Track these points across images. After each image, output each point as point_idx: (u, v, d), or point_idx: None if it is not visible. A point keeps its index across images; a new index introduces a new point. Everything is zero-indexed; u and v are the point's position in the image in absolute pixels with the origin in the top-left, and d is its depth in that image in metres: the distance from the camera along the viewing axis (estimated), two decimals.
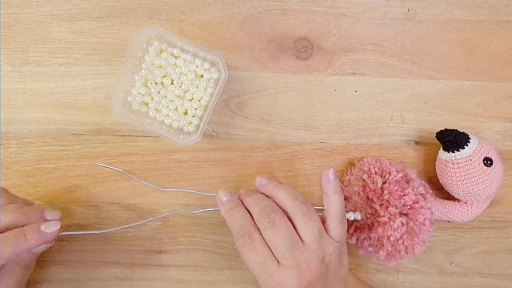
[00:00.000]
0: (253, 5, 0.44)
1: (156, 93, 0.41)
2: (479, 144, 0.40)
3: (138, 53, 0.40)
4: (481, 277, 0.46)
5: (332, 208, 0.36)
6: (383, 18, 0.45)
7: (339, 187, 0.36)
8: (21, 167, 0.44)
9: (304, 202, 0.35)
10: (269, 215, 0.34)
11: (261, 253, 0.34)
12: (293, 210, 0.35)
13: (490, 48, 0.45)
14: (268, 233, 0.34)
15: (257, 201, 0.36)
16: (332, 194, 0.36)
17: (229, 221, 0.36)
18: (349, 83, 0.45)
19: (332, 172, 0.36)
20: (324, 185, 0.36)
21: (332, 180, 0.36)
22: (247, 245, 0.34)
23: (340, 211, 0.36)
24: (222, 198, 0.37)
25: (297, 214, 0.34)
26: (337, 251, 0.35)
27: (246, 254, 0.34)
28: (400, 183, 0.40)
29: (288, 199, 0.35)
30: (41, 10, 0.44)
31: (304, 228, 0.34)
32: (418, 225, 0.39)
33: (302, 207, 0.34)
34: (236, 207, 0.36)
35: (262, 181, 0.38)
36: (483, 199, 0.41)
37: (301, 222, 0.34)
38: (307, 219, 0.34)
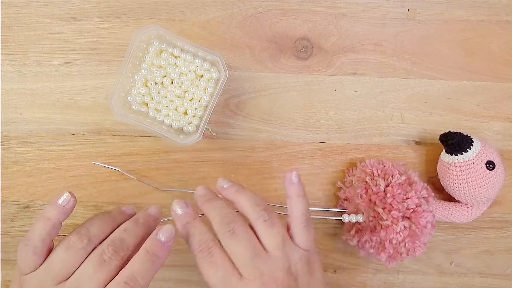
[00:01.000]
0: (253, 5, 0.44)
1: (156, 93, 0.41)
2: (482, 148, 0.40)
3: (138, 53, 0.40)
4: (481, 277, 0.46)
5: (295, 212, 0.34)
6: (383, 18, 0.45)
7: (302, 191, 0.34)
8: (21, 167, 0.44)
9: (265, 208, 0.33)
10: (229, 224, 0.32)
11: (221, 267, 0.31)
12: (253, 216, 0.33)
13: (490, 48, 0.45)
14: (228, 243, 0.32)
15: (217, 209, 0.34)
16: (295, 197, 0.34)
17: (186, 237, 0.33)
18: (349, 83, 0.45)
19: (295, 175, 0.35)
20: (287, 188, 0.35)
21: (296, 183, 0.34)
22: (206, 260, 0.32)
23: (304, 215, 0.34)
24: (177, 211, 0.34)
25: (258, 221, 0.32)
26: (304, 259, 0.33)
27: (206, 270, 0.32)
28: (403, 186, 0.40)
29: (249, 206, 0.33)
30: (41, 10, 0.44)
31: (265, 235, 0.32)
32: (420, 228, 0.39)
33: (263, 214, 0.32)
34: (192, 222, 0.34)
35: (224, 184, 0.36)
36: (483, 201, 0.41)
37: (262, 229, 0.32)
38: (269, 226, 0.32)
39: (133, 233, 0.32)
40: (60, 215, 0.33)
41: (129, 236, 0.32)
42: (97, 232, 0.32)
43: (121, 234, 0.32)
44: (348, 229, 0.43)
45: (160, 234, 0.32)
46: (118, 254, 0.31)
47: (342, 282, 0.45)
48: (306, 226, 0.34)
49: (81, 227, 0.32)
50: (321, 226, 0.45)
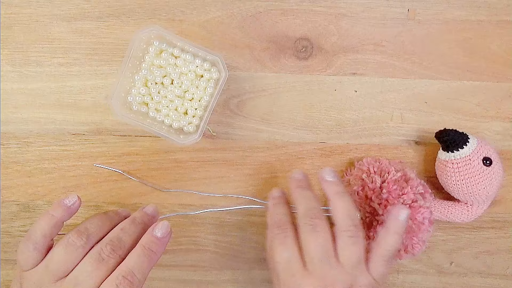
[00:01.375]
0: (253, 5, 0.44)
1: (156, 93, 0.41)
2: (478, 144, 0.41)
3: (138, 53, 0.40)
4: (481, 277, 0.46)
5: (385, 245, 0.33)
6: (383, 18, 0.45)
7: (403, 230, 0.34)
8: (21, 167, 0.44)
9: (355, 225, 0.33)
10: (312, 219, 0.33)
11: (290, 250, 0.33)
12: (341, 227, 0.33)
13: (490, 48, 0.45)
14: (306, 235, 0.33)
15: (306, 199, 0.35)
16: (393, 233, 0.34)
17: (271, 212, 0.36)
18: (349, 83, 0.45)
19: (406, 214, 0.34)
20: (389, 220, 0.34)
21: (402, 221, 0.34)
22: (279, 237, 0.33)
23: (390, 252, 0.33)
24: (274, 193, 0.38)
25: (344, 233, 0.32)
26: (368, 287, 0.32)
27: (275, 247, 0.33)
28: (399, 182, 0.40)
29: (341, 214, 0.33)
30: (41, 10, 0.44)
31: (344, 249, 0.32)
32: (417, 224, 0.39)
33: (351, 229, 0.32)
34: (281, 203, 0.36)
35: (328, 175, 0.36)
36: (483, 199, 0.41)
37: (343, 243, 0.32)
38: (351, 243, 0.32)
39: (130, 232, 0.33)
40: (64, 214, 0.34)
41: (126, 235, 0.33)
42: (96, 231, 0.33)
43: (118, 233, 0.33)
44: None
45: (156, 230, 0.33)
46: (115, 253, 0.32)
47: None
48: (388, 261, 0.34)
49: (80, 226, 0.33)
50: None
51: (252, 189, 0.45)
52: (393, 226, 0.34)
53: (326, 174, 0.36)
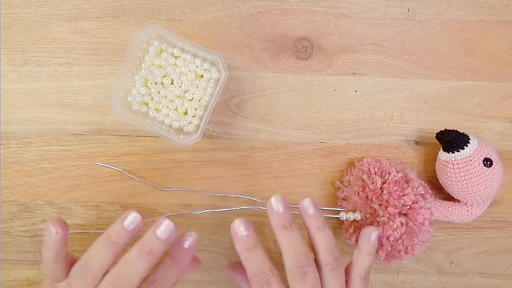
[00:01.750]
0: (253, 5, 0.44)
1: (156, 93, 0.41)
2: (479, 145, 0.40)
3: (138, 53, 0.40)
4: (481, 277, 0.46)
5: (359, 265, 0.36)
6: (383, 18, 0.45)
7: (375, 249, 0.37)
8: (21, 167, 0.44)
9: (336, 258, 0.35)
10: (302, 268, 0.33)
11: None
12: (323, 262, 0.34)
13: (490, 48, 0.45)
14: (295, 284, 0.33)
15: (294, 243, 0.34)
16: (366, 253, 0.36)
17: (246, 262, 0.34)
18: (349, 83, 0.45)
19: (376, 235, 0.37)
20: (361, 242, 0.37)
21: (372, 241, 0.36)
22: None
23: (366, 270, 0.36)
24: (239, 232, 0.34)
25: (326, 268, 0.34)
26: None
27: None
28: (400, 183, 0.40)
29: (323, 250, 0.35)
30: (41, 10, 0.44)
31: (328, 282, 0.34)
32: (418, 225, 0.39)
33: (332, 263, 0.34)
34: (254, 247, 0.34)
35: (310, 209, 0.36)
36: (483, 200, 0.41)
37: (327, 276, 0.34)
38: (333, 276, 0.34)
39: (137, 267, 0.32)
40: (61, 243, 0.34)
41: (133, 270, 0.32)
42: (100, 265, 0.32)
43: (125, 269, 0.32)
44: (346, 228, 0.43)
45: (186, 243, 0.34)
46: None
47: None
48: (365, 278, 0.36)
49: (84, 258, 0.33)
50: None
51: (252, 189, 0.45)
52: (366, 246, 0.36)
53: (307, 207, 0.36)
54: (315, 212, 0.35)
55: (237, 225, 0.34)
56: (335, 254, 0.35)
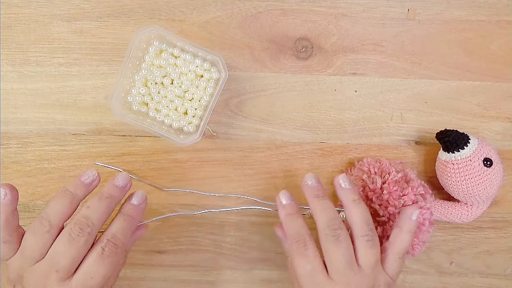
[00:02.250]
0: (253, 5, 0.44)
1: (156, 93, 0.41)
2: (479, 145, 0.40)
3: (138, 53, 0.40)
4: (481, 277, 0.46)
5: (399, 244, 0.36)
6: (383, 18, 0.45)
7: (415, 229, 0.37)
8: (21, 167, 0.44)
9: (372, 229, 0.35)
10: (335, 230, 0.34)
11: (313, 262, 0.34)
12: (359, 233, 0.35)
13: (490, 48, 0.45)
14: (329, 246, 0.34)
15: (326, 210, 0.36)
16: (406, 232, 0.36)
17: (287, 225, 0.36)
18: (349, 83, 0.45)
19: (417, 214, 0.37)
20: (402, 220, 0.37)
21: (414, 220, 0.36)
22: (300, 251, 0.34)
23: (405, 249, 0.36)
24: (282, 200, 0.38)
25: (362, 238, 0.34)
26: (386, 285, 0.35)
27: (297, 260, 0.35)
28: (400, 183, 0.40)
29: (359, 221, 0.35)
30: (41, 10, 0.44)
31: (363, 253, 0.34)
32: (418, 225, 0.39)
33: (369, 233, 0.35)
34: (295, 214, 0.37)
35: (344, 183, 0.37)
36: (483, 200, 0.41)
37: (362, 247, 0.34)
38: (369, 246, 0.34)
39: (97, 210, 0.34)
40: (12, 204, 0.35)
41: (93, 212, 0.34)
42: (57, 214, 0.34)
43: (85, 211, 0.34)
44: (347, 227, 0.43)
45: (134, 199, 0.37)
46: (84, 231, 0.33)
47: None
48: (402, 258, 0.36)
49: (42, 211, 0.34)
50: None
51: (252, 189, 0.45)
52: (406, 225, 0.36)
53: (342, 181, 0.37)
54: (350, 186, 0.37)
55: (281, 195, 0.38)
56: (371, 226, 0.35)
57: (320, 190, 0.37)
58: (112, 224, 0.35)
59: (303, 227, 0.36)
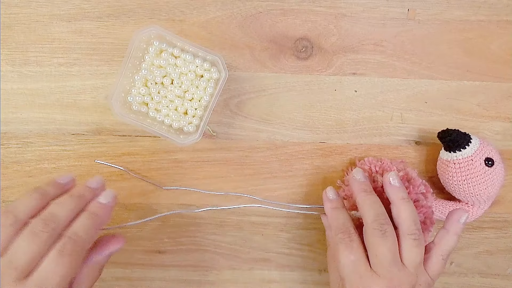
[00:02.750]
0: (253, 5, 0.44)
1: (156, 93, 0.41)
2: (481, 145, 0.40)
3: (138, 53, 0.40)
4: (481, 277, 0.46)
5: (444, 245, 0.36)
6: (383, 18, 0.45)
7: (462, 232, 0.37)
8: (21, 167, 0.44)
9: (419, 229, 0.35)
10: (382, 225, 0.35)
11: (356, 253, 0.35)
12: (407, 231, 0.35)
13: (490, 48, 0.45)
14: (375, 240, 0.34)
15: (373, 205, 0.36)
16: (453, 234, 0.36)
17: (332, 217, 0.38)
18: (349, 83, 0.45)
19: (465, 218, 0.37)
20: (450, 223, 0.37)
21: (462, 224, 0.37)
22: (345, 242, 0.35)
23: (449, 251, 0.36)
24: (329, 195, 0.39)
25: (409, 237, 0.35)
26: (426, 285, 0.35)
27: (342, 250, 0.35)
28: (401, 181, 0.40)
29: (408, 219, 0.35)
30: (41, 10, 0.44)
31: (409, 251, 0.35)
32: None
33: (416, 232, 0.35)
34: (341, 208, 0.38)
35: (393, 180, 0.37)
36: (484, 199, 0.41)
37: (408, 245, 0.35)
38: (415, 245, 0.35)
39: (65, 206, 0.32)
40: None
41: (61, 209, 0.32)
42: (24, 209, 0.32)
43: (52, 207, 0.32)
44: None
45: (101, 198, 0.35)
46: (48, 226, 0.31)
47: None
48: (445, 260, 0.37)
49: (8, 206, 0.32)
50: (321, 226, 0.45)
51: (252, 189, 0.45)
52: (454, 228, 0.37)
53: (392, 179, 0.37)
54: (400, 184, 0.37)
55: (328, 190, 0.40)
56: (418, 226, 0.35)
57: (368, 185, 0.38)
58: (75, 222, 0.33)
59: (348, 220, 0.37)
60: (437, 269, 0.36)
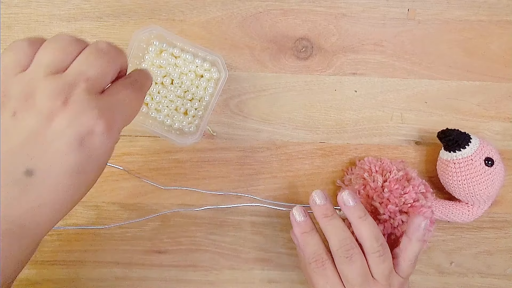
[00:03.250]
0: (253, 5, 0.44)
1: (156, 93, 0.41)
2: (481, 144, 0.40)
3: (138, 53, 0.40)
4: (481, 277, 0.46)
5: (410, 252, 0.37)
6: (383, 18, 0.45)
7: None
8: None
9: (382, 244, 0.35)
10: (347, 251, 0.35)
11: (332, 282, 0.35)
12: (370, 250, 0.35)
13: (490, 48, 0.45)
14: (344, 267, 0.35)
15: (336, 229, 0.36)
16: (416, 241, 0.36)
17: (303, 244, 0.37)
18: (349, 83, 0.45)
19: (425, 223, 0.37)
20: (411, 230, 0.37)
21: (422, 229, 0.37)
22: (319, 271, 0.35)
23: (415, 256, 0.37)
24: (296, 217, 0.37)
25: (374, 255, 0.35)
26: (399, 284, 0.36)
27: (316, 280, 0.36)
28: (401, 181, 0.40)
29: (369, 238, 0.35)
30: (41, 10, 0.44)
31: (377, 268, 0.35)
32: None
33: (379, 249, 0.35)
34: (311, 231, 0.37)
35: (350, 201, 0.36)
36: (484, 199, 0.41)
37: (375, 263, 0.35)
38: (382, 261, 0.35)
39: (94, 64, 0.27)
40: None
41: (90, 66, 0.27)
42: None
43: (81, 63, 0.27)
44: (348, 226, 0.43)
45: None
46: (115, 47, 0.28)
47: None
48: (414, 262, 0.37)
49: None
50: None
51: (252, 189, 0.45)
52: (416, 235, 0.37)
53: (347, 199, 0.37)
54: (355, 203, 0.36)
55: (295, 211, 0.38)
56: (381, 241, 0.36)
57: (329, 209, 0.37)
58: None
59: (319, 245, 0.36)
60: (407, 271, 0.36)
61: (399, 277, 0.36)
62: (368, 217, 0.36)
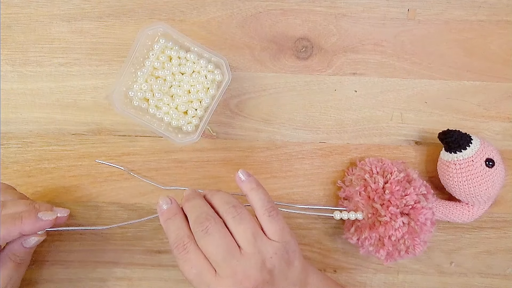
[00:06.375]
0: (253, 5, 0.44)
1: (157, 90, 0.41)
2: (481, 145, 0.40)
3: (143, 49, 0.40)
4: (481, 277, 0.46)
5: (254, 205, 0.35)
6: (383, 18, 0.45)
7: (254, 183, 0.36)
8: (21, 167, 0.44)
9: (234, 205, 0.34)
10: (202, 224, 0.33)
11: (196, 264, 0.33)
12: (223, 215, 0.34)
13: (490, 48, 0.45)
14: (202, 242, 0.33)
15: (194, 207, 0.34)
16: (249, 191, 0.35)
17: (166, 232, 0.34)
18: (349, 83, 0.45)
19: (242, 173, 0.36)
20: (240, 187, 0.36)
21: (245, 180, 0.36)
22: (181, 256, 0.33)
23: (264, 206, 0.34)
24: (162, 206, 0.35)
25: (227, 218, 0.33)
26: (280, 252, 0.33)
27: (181, 266, 0.33)
28: (402, 183, 0.40)
29: (219, 205, 0.34)
30: (41, 10, 0.44)
31: (236, 232, 0.33)
32: (419, 225, 0.39)
33: (231, 211, 0.33)
34: (173, 217, 0.35)
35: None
36: (484, 200, 0.41)
37: (232, 227, 0.33)
38: (237, 223, 0.33)
39: None
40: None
41: None
42: None
43: None
44: (348, 227, 0.43)
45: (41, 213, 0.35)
46: None
47: (342, 282, 0.45)
48: (271, 216, 0.34)
49: None
50: (321, 226, 0.45)
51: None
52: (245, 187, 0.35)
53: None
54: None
55: (161, 201, 0.36)
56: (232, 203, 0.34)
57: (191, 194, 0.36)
58: None
59: (180, 229, 0.34)
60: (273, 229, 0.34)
61: (272, 241, 0.33)
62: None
